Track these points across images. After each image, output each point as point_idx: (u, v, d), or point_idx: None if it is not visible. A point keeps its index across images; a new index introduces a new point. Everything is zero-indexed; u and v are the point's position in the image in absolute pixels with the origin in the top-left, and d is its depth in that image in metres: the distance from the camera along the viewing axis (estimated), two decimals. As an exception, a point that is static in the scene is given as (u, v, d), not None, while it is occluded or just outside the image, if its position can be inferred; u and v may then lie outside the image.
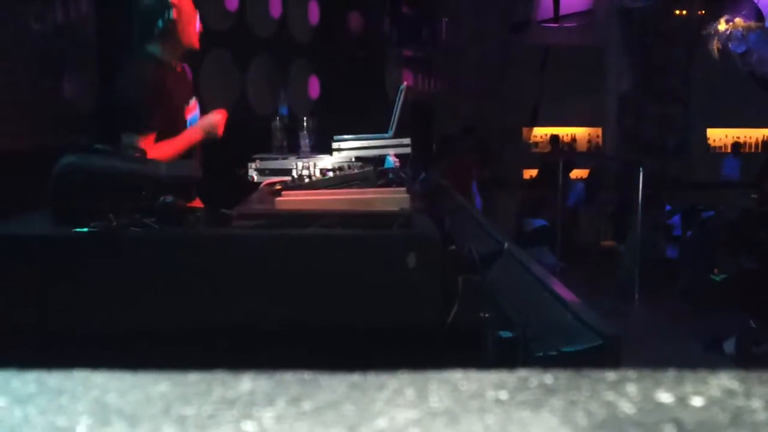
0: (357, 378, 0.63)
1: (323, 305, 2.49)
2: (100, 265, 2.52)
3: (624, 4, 14.28)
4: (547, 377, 0.63)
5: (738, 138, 15.30)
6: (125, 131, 3.81)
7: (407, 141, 4.38)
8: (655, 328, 7.57)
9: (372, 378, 0.63)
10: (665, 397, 0.59)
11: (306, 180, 3.40)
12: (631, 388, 0.61)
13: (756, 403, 0.58)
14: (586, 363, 1.70)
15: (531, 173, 14.17)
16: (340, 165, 3.69)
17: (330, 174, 3.49)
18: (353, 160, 4.05)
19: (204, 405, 0.59)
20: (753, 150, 15.30)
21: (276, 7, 7.76)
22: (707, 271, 8.73)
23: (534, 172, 13.86)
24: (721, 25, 11.42)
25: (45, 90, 5.55)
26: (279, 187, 3.41)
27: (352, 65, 8.61)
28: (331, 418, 0.57)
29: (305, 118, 4.78)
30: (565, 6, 14.75)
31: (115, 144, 3.65)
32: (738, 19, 11.46)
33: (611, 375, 0.63)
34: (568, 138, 15.62)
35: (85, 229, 2.50)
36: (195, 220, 2.71)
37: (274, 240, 2.62)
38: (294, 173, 3.51)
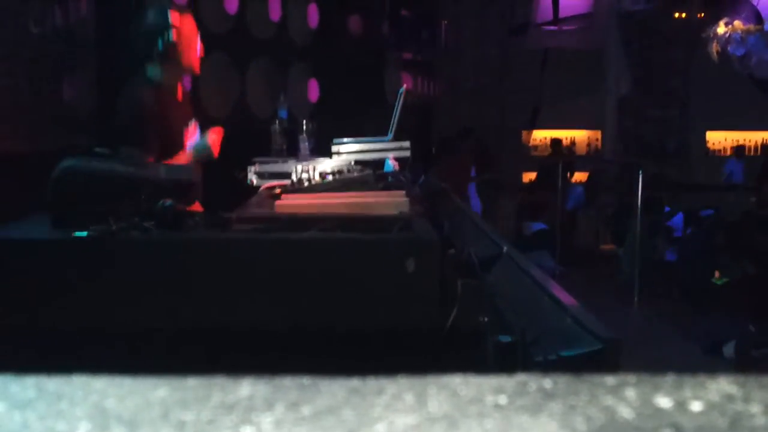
0: (356, 383, 0.63)
1: (322, 309, 2.49)
2: (99, 269, 2.52)
3: (623, 7, 14.31)
4: (546, 382, 0.63)
5: (738, 141, 15.28)
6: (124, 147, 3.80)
7: (407, 144, 4.38)
8: (655, 331, 7.57)
9: (371, 383, 0.63)
10: (664, 402, 0.59)
11: (305, 183, 3.40)
12: (630, 392, 0.61)
13: (755, 408, 0.58)
14: (585, 367, 1.70)
15: (530, 176, 14.17)
16: (339, 168, 3.68)
17: (329, 177, 3.49)
18: (353, 163, 4.04)
19: (203, 410, 0.59)
20: (752, 153, 15.29)
21: (275, 10, 7.76)
22: (707, 272, 8.73)
23: (533, 175, 13.85)
24: (721, 28, 11.43)
25: (44, 93, 5.56)
26: (278, 191, 3.41)
27: (351, 68, 8.61)
28: (330, 423, 0.57)
29: (305, 121, 4.78)
30: (565, 9, 14.76)
31: (115, 147, 3.65)
32: (737, 22, 11.47)
33: (610, 379, 0.63)
34: (567, 141, 15.60)
35: (85, 233, 2.50)
36: (194, 223, 2.71)
37: (273, 244, 2.62)
38: (293, 176, 3.50)
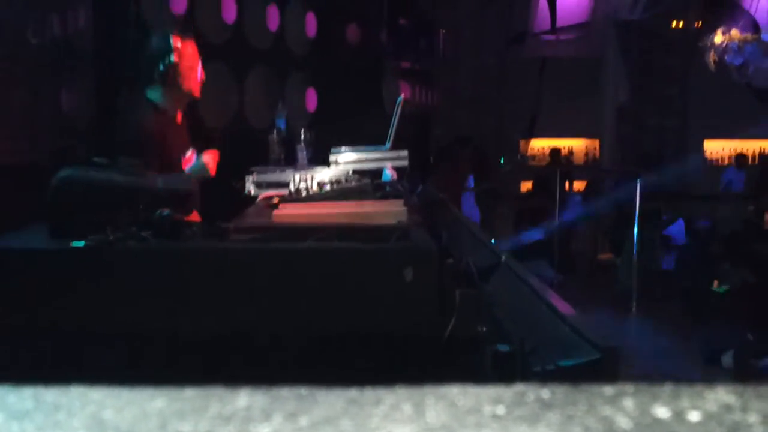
0: (354, 393, 0.63)
1: (320, 319, 2.49)
2: (97, 279, 2.52)
3: (621, 15, 14.34)
4: (544, 392, 0.63)
5: (736, 150, 15.28)
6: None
7: (404, 153, 4.38)
8: (653, 341, 7.56)
9: (369, 393, 0.63)
10: (662, 412, 0.59)
11: (303, 193, 3.40)
12: (628, 402, 0.61)
13: (753, 418, 0.58)
14: (583, 377, 1.70)
15: (529, 186, 14.16)
16: (337, 178, 3.68)
17: (327, 187, 3.49)
18: (350, 172, 4.04)
19: (201, 421, 0.59)
20: (751, 162, 15.29)
21: (273, 20, 7.77)
22: (705, 282, 8.72)
23: (531, 184, 13.84)
24: (718, 37, 11.42)
25: (43, 103, 5.55)
26: (276, 201, 3.41)
27: (349, 77, 8.61)
28: (328, 433, 0.57)
29: (302, 130, 4.78)
30: (563, 18, 14.78)
31: (113, 157, 3.65)
32: (734, 31, 11.47)
33: (608, 389, 0.63)
34: (565, 150, 15.60)
35: (83, 243, 2.50)
36: (192, 233, 2.71)
37: (271, 254, 2.62)
38: (291, 186, 3.50)
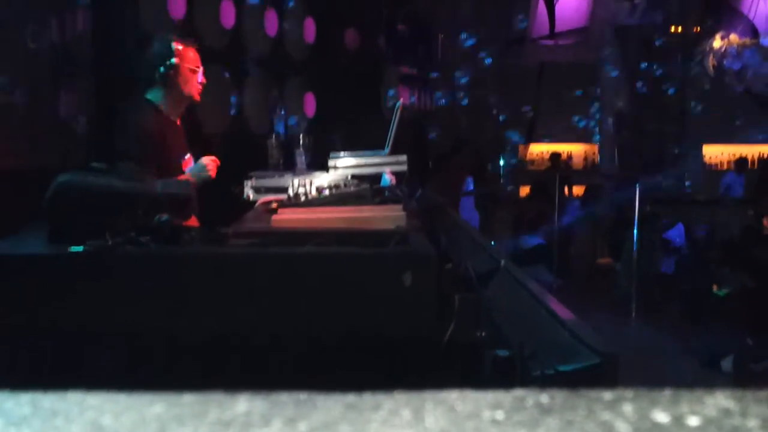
0: (353, 398, 0.63)
1: (319, 324, 2.49)
2: (95, 284, 2.51)
3: (619, 21, 14.36)
4: (543, 397, 0.63)
5: (735, 154, 15.29)
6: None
7: (403, 158, 4.38)
8: (653, 345, 7.56)
9: (368, 398, 0.63)
10: (661, 417, 0.59)
11: (302, 198, 3.40)
12: (627, 407, 0.61)
13: (752, 422, 0.58)
14: (582, 381, 1.70)
15: (527, 190, 14.16)
16: (336, 183, 3.69)
17: (326, 192, 3.49)
18: (349, 177, 4.04)
19: (200, 426, 0.59)
20: (750, 166, 15.29)
21: (272, 25, 7.78)
22: (704, 286, 8.71)
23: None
24: (717, 42, 11.48)
25: (41, 108, 5.55)
26: (275, 206, 3.41)
27: (348, 82, 8.62)
28: (327, 439, 0.57)
29: (301, 135, 4.78)
30: (561, 23, 14.80)
31: (111, 163, 3.66)
32: (733, 36, 11.52)
33: (607, 394, 0.63)
34: (564, 155, 15.60)
35: (81, 248, 2.50)
36: (190, 238, 2.71)
37: (269, 259, 2.61)
38: (290, 191, 3.50)
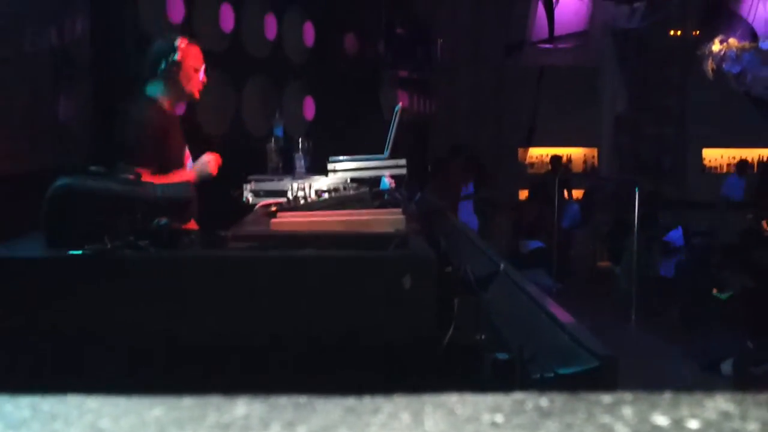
0: (352, 402, 0.63)
1: (319, 327, 2.49)
2: (94, 287, 2.51)
3: (618, 24, 14.36)
4: (543, 400, 0.63)
5: (734, 158, 15.29)
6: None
7: (403, 162, 4.38)
8: (652, 348, 7.56)
9: (367, 402, 0.63)
10: (661, 420, 0.59)
11: (301, 201, 3.40)
12: (627, 411, 0.61)
13: (752, 426, 0.58)
14: (582, 385, 1.70)
15: (527, 194, 14.15)
16: (335, 186, 3.68)
17: (325, 195, 3.49)
18: (349, 181, 4.04)
19: (198, 430, 0.58)
20: (749, 170, 15.29)
21: (271, 29, 7.77)
22: (704, 290, 8.71)
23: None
24: (716, 46, 11.49)
25: (40, 112, 5.55)
26: (274, 209, 3.41)
27: (347, 86, 8.62)
28: (326, 442, 0.57)
29: (300, 139, 4.78)
30: (560, 27, 14.79)
31: (110, 166, 3.66)
32: (732, 40, 11.52)
33: (607, 398, 0.63)
34: (564, 159, 15.59)
35: (80, 252, 2.49)
36: (189, 242, 2.71)
37: (269, 262, 2.61)
38: (289, 194, 3.50)
